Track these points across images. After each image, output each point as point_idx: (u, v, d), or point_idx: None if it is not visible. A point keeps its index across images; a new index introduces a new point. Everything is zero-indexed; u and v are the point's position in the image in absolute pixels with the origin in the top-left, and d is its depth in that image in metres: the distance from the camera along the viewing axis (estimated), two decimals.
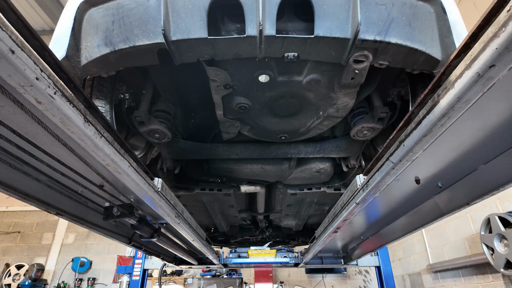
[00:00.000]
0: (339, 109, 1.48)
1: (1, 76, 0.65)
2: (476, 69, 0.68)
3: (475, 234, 4.53)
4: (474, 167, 1.39)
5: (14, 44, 0.62)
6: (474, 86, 0.71)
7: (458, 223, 4.92)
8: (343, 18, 1.05)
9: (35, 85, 0.69)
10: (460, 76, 0.74)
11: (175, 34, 1.06)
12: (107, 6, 1.11)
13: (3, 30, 0.59)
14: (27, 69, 0.66)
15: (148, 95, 1.59)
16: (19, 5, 5.66)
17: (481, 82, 0.70)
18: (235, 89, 1.37)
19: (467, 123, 1.11)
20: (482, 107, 1.02)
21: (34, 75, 0.68)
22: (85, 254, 7.78)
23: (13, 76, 0.65)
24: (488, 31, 0.71)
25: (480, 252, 4.14)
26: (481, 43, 0.74)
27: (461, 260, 4.67)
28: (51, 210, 1.51)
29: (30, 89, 0.69)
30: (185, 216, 2.01)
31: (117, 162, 1.09)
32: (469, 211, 4.61)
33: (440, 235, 5.44)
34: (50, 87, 0.72)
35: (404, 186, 1.70)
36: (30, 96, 0.71)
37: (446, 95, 0.80)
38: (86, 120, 0.89)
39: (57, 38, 1.19)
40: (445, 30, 1.14)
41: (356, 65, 1.18)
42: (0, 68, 0.62)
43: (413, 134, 0.98)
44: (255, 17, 1.03)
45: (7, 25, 0.63)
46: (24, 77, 0.66)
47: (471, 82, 0.71)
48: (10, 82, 0.67)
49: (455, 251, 5.01)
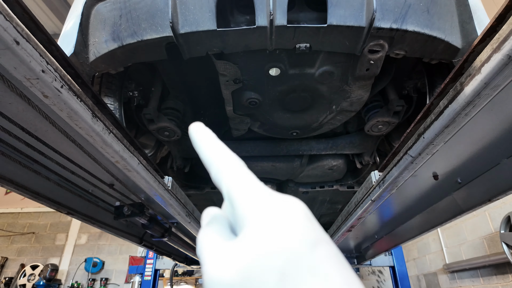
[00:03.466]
0: (353, 102, 1.43)
1: (6, 68, 0.63)
2: (507, 51, 0.63)
3: (494, 232, 4.39)
4: (496, 161, 1.32)
5: (18, 35, 0.60)
6: (504, 69, 0.66)
7: (475, 221, 4.77)
8: (358, 5, 1.01)
9: (41, 78, 0.67)
10: (488, 60, 0.69)
11: (184, 27, 1.03)
12: (114, 0, 1.10)
13: (7, 20, 0.57)
14: (32, 61, 0.64)
15: (157, 93, 1.57)
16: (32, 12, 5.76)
17: (511, 66, 0.65)
18: (245, 83, 1.34)
19: (489, 114, 1.05)
20: (506, 97, 0.96)
21: (40, 68, 0.66)
22: (98, 254, 7.87)
23: (19, 68, 0.63)
24: None
25: (500, 251, 4.01)
26: (510, 25, 0.69)
27: (480, 260, 4.52)
28: (62, 209, 1.50)
29: (36, 82, 0.67)
30: (195, 215, 1.99)
31: (127, 159, 1.07)
32: (487, 209, 4.46)
33: (456, 234, 5.30)
34: (56, 80, 0.70)
35: (421, 183, 1.63)
36: (37, 90, 0.69)
37: (471, 82, 0.75)
38: (94, 115, 0.87)
39: (65, 34, 1.18)
40: (466, 16, 1.08)
41: (371, 55, 1.13)
42: (5, 60, 0.61)
43: (433, 126, 0.93)
44: (265, 7, 1.00)
45: (12, 16, 0.62)
46: (30, 70, 0.64)
47: (500, 65, 0.66)
48: (15, 75, 0.65)
49: (472, 250, 4.86)
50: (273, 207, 0.25)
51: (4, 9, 0.59)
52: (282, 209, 0.25)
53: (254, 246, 0.23)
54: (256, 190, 0.27)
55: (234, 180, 0.29)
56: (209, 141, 0.34)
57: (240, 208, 0.27)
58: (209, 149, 0.33)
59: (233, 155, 0.32)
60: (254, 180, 0.29)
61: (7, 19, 0.58)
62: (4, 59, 0.60)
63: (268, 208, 0.25)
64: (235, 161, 0.31)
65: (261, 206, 0.26)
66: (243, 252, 0.24)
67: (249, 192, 0.27)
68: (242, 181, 0.28)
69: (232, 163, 0.31)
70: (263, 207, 0.25)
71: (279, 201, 0.26)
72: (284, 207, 0.25)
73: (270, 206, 0.25)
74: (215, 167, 0.31)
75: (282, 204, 0.26)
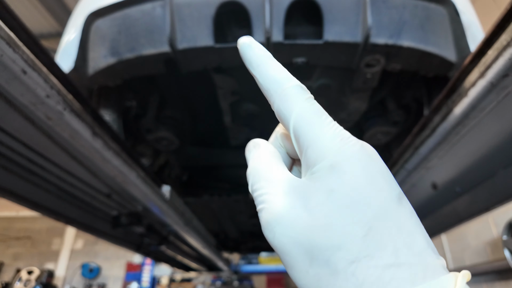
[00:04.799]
0: (351, 113, 1.45)
1: (14, 95, 0.64)
2: (490, 79, 0.66)
3: (497, 238, 4.41)
4: (493, 171, 1.34)
5: (26, 64, 0.61)
6: (488, 95, 0.68)
7: (479, 227, 4.78)
8: (353, 22, 1.03)
9: (45, 103, 0.68)
10: (474, 84, 0.71)
11: (182, 43, 1.05)
12: (114, 17, 1.11)
13: (16, 52, 0.59)
14: (38, 88, 0.65)
15: (155, 102, 1.58)
16: (26, 10, 5.72)
17: (495, 92, 0.67)
18: (243, 95, 1.35)
19: (485, 127, 1.07)
20: (501, 111, 0.98)
21: (44, 93, 0.67)
22: (94, 259, 7.82)
23: (25, 95, 0.65)
24: (502, 39, 0.68)
25: (503, 257, 4.02)
26: (495, 51, 0.71)
27: (483, 266, 4.52)
28: (61, 219, 1.50)
29: (41, 106, 0.68)
30: (194, 224, 1.99)
31: (125, 173, 1.08)
32: (490, 215, 4.48)
33: (460, 239, 5.30)
34: (60, 103, 0.72)
35: (420, 192, 1.65)
36: (41, 113, 0.70)
37: (460, 103, 0.78)
38: (94, 132, 0.88)
39: (65, 49, 1.19)
40: (459, 32, 1.10)
41: (367, 69, 1.15)
42: (13, 88, 0.62)
43: (428, 142, 0.95)
44: (262, 24, 1.01)
45: (19, 45, 0.63)
46: (36, 96, 0.66)
47: (485, 91, 0.68)
48: (22, 100, 0.66)
49: (476, 255, 4.87)
50: (354, 150, 0.23)
51: (13, 41, 0.60)
52: (364, 154, 0.23)
53: (341, 192, 0.21)
54: (331, 128, 0.24)
55: (304, 114, 0.25)
56: (268, 62, 0.29)
57: (316, 145, 0.23)
58: (270, 73, 0.28)
59: (298, 83, 0.28)
60: (326, 116, 0.25)
61: (16, 52, 0.59)
62: (12, 87, 0.62)
63: (350, 150, 0.23)
64: (302, 90, 0.27)
65: (341, 147, 0.23)
66: (326, 195, 0.22)
67: (325, 129, 0.24)
68: (314, 115, 0.25)
69: (299, 93, 0.27)
70: (344, 149, 0.23)
71: (359, 144, 0.24)
72: (366, 153, 0.23)
73: (351, 148, 0.23)
74: (278, 95, 0.27)
75: (363, 149, 0.23)
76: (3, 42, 0.58)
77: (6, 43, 0.58)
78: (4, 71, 0.60)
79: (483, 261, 4.68)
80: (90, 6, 1.16)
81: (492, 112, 0.84)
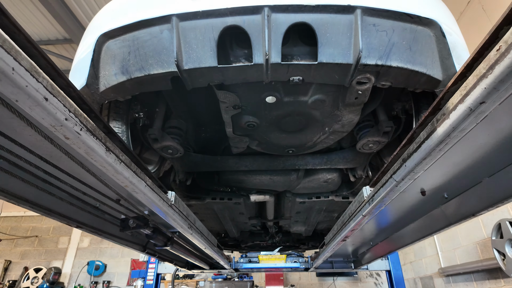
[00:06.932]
0: (344, 125, 1.53)
1: (36, 119, 0.73)
2: (468, 104, 0.73)
3: (487, 238, 4.48)
4: (479, 179, 1.42)
5: (48, 92, 0.70)
6: (467, 118, 0.76)
7: (469, 227, 4.86)
8: (345, 44, 1.11)
9: (64, 125, 0.77)
10: (455, 108, 0.79)
11: (187, 64, 1.13)
12: (124, 38, 1.19)
13: (39, 82, 0.67)
14: (58, 112, 0.74)
15: (161, 113, 1.67)
16: (34, 17, 5.86)
17: (473, 115, 0.75)
18: (243, 109, 1.44)
19: (470, 139, 1.15)
20: (485, 125, 1.05)
21: (63, 117, 0.76)
22: (100, 257, 7.97)
23: (46, 118, 0.73)
24: (481, 66, 0.75)
25: (492, 256, 4.10)
26: (475, 77, 0.79)
27: (473, 265, 4.62)
28: (72, 223, 1.60)
29: (60, 128, 0.77)
30: (197, 226, 2.08)
31: (135, 183, 1.17)
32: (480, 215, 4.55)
33: (451, 238, 5.39)
34: (77, 125, 0.80)
35: (410, 197, 1.73)
36: (60, 134, 0.79)
37: (442, 124, 0.85)
38: (107, 148, 0.97)
39: (77, 67, 1.28)
40: (445, 53, 1.18)
41: (359, 87, 1.23)
42: (36, 113, 0.71)
43: (414, 156, 1.03)
44: (261, 47, 1.09)
45: (40, 72, 0.72)
46: (56, 119, 0.74)
47: (464, 115, 0.75)
48: (43, 123, 0.75)
49: (466, 255, 4.96)
50: None
51: (35, 69, 0.69)
52: None
53: None
54: None
55: None
56: None
57: None
58: None
59: None
60: None
61: (39, 81, 0.68)
62: (34, 112, 0.70)
63: None
64: None
65: None
66: None
67: None
68: None
69: None
70: None
71: None
72: None
73: None
74: None
75: None
76: (27, 74, 0.66)
77: (30, 73, 0.66)
78: (28, 99, 0.69)
79: (474, 260, 4.75)
80: (102, 27, 1.25)
81: (474, 129, 0.92)
